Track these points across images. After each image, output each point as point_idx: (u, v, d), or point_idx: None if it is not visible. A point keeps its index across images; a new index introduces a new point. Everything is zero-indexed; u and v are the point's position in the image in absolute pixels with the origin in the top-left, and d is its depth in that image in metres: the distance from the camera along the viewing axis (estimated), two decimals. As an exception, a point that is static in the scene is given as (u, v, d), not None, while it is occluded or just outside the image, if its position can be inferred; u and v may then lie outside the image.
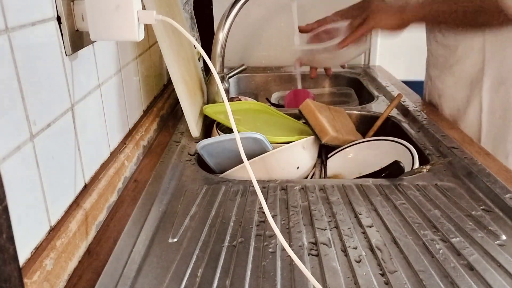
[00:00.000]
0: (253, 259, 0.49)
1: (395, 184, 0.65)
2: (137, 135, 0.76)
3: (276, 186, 0.65)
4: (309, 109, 0.81)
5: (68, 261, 0.48)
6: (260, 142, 0.70)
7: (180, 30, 0.56)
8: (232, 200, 0.61)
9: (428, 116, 0.91)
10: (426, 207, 0.59)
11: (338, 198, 0.62)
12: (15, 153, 0.41)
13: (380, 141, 0.82)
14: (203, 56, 0.58)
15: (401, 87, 1.17)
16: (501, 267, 0.47)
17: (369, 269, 0.47)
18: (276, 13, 1.44)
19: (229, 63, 1.07)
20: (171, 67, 0.77)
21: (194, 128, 0.82)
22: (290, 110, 0.99)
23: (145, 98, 0.88)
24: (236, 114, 0.88)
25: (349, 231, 0.54)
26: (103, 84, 0.64)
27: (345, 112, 0.94)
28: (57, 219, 0.49)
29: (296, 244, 0.52)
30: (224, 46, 0.98)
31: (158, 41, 0.74)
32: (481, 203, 0.60)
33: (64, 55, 0.51)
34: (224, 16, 0.95)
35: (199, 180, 0.68)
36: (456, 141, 0.77)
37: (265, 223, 0.56)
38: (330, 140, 0.79)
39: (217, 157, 0.74)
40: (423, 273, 0.46)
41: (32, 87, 0.44)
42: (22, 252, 0.42)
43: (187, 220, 0.56)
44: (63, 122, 0.51)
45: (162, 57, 0.99)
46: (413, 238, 0.52)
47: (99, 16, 0.52)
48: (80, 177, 0.56)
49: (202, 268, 0.47)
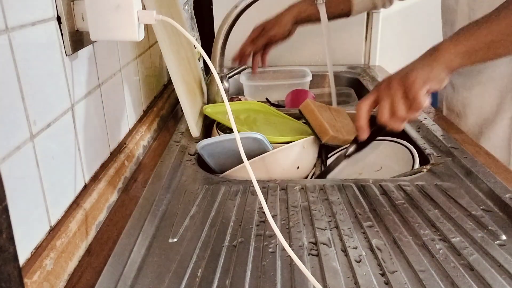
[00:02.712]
0: (253, 259, 0.49)
1: (395, 184, 0.65)
2: (137, 135, 0.76)
3: (276, 186, 0.65)
4: (309, 109, 0.81)
5: (68, 261, 0.48)
6: (260, 142, 0.70)
7: (180, 30, 0.56)
8: (232, 200, 0.61)
9: (428, 116, 0.91)
10: (426, 207, 0.59)
11: (338, 198, 0.62)
12: (15, 153, 0.41)
13: (380, 141, 0.82)
14: (203, 56, 0.58)
15: (401, 87, 1.17)
16: (501, 267, 0.47)
17: (369, 269, 0.47)
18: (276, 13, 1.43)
19: (229, 63, 1.07)
20: (171, 67, 0.77)
21: (194, 128, 0.82)
22: (290, 110, 0.99)
23: (145, 98, 0.88)
24: (236, 114, 0.88)
25: (349, 231, 0.54)
26: (103, 84, 0.64)
27: (345, 112, 0.94)
28: (57, 219, 0.49)
29: (296, 244, 0.52)
30: (224, 46, 0.98)
31: (158, 41, 0.74)
32: (481, 203, 0.60)
33: (64, 55, 0.51)
34: (226, 17, 0.95)
35: (199, 180, 0.68)
36: (456, 141, 0.77)
37: (265, 223, 0.56)
38: (330, 140, 0.79)
39: (217, 157, 0.74)
40: (423, 273, 0.46)
41: (32, 87, 0.44)
42: (22, 252, 0.42)
43: (187, 220, 0.56)
44: (63, 122, 0.51)
45: (162, 57, 0.99)
46: (413, 238, 0.52)
47: (99, 16, 0.52)
48: (80, 177, 0.56)
49: (202, 268, 0.47)
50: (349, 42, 1.15)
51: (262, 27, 1.04)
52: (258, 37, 1.04)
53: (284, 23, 1.02)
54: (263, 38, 1.04)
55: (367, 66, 1.47)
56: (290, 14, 1.03)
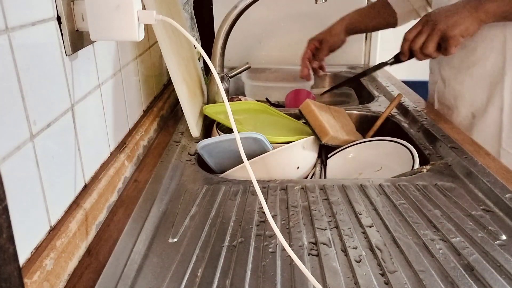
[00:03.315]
0: (253, 259, 0.49)
1: (395, 184, 0.65)
2: (137, 135, 0.76)
3: (276, 186, 0.65)
4: (309, 109, 0.81)
5: (68, 261, 0.48)
6: (260, 142, 0.70)
7: (180, 30, 0.56)
8: (232, 200, 0.61)
9: (428, 116, 0.91)
10: (426, 207, 0.59)
11: (338, 198, 0.62)
12: (15, 153, 0.41)
13: (380, 141, 0.82)
14: (203, 56, 0.58)
15: (401, 87, 1.17)
16: (501, 267, 0.47)
17: (369, 269, 0.47)
18: (276, 13, 1.44)
19: (229, 63, 1.07)
20: (171, 67, 0.77)
21: (194, 128, 0.82)
22: (290, 110, 0.99)
23: (145, 98, 0.88)
24: (236, 114, 0.88)
25: (349, 231, 0.54)
26: (103, 84, 0.64)
27: (345, 112, 0.94)
28: (57, 219, 0.49)
29: (296, 244, 0.52)
30: (224, 46, 0.98)
31: (158, 41, 0.74)
32: (481, 203, 0.60)
33: (64, 55, 0.51)
34: (225, 17, 0.95)
35: (199, 180, 0.68)
36: (456, 141, 0.77)
37: (265, 223, 0.56)
38: (330, 140, 0.79)
39: (217, 157, 0.74)
40: (423, 273, 0.46)
41: (32, 87, 0.44)
42: (22, 252, 0.42)
43: (187, 220, 0.56)
44: (63, 122, 0.51)
45: (162, 57, 0.99)
46: (413, 238, 0.52)
47: (99, 16, 0.52)
48: (80, 177, 0.56)
49: (202, 268, 0.47)
50: (349, 42, 1.16)
51: (319, 40, 1.12)
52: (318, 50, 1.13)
53: (337, 33, 1.12)
54: (324, 51, 1.12)
55: (367, 66, 1.47)
56: (342, 24, 1.12)
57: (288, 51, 1.43)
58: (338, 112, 0.90)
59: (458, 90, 0.95)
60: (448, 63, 0.97)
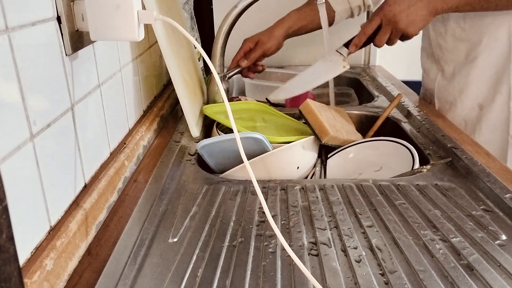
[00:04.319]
0: (253, 259, 0.49)
1: (395, 184, 0.65)
2: (137, 135, 0.76)
3: (276, 186, 0.65)
4: (309, 109, 0.81)
5: (68, 261, 0.48)
6: (260, 142, 0.70)
7: (180, 30, 0.56)
8: (232, 200, 0.61)
9: (428, 116, 0.91)
10: (426, 207, 0.59)
11: (338, 198, 0.62)
12: (15, 153, 0.41)
13: (380, 141, 0.82)
14: (203, 56, 0.58)
15: (401, 87, 1.17)
16: (501, 267, 0.47)
17: (369, 269, 0.47)
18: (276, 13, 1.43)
19: (229, 63, 1.07)
20: (171, 67, 0.77)
21: (194, 128, 0.82)
22: (290, 110, 0.99)
23: (145, 98, 0.88)
24: (236, 114, 0.88)
25: (349, 231, 0.54)
26: (103, 84, 0.64)
27: (345, 112, 0.94)
28: (57, 219, 0.49)
29: (296, 244, 0.52)
30: (224, 46, 0.98)
31: (158, 41, 0.74)
32: (481, 203, 0.60)
33: (64, 55, 0.51)
34: (225, 17, 0.95)
35: (199, 180, 0.68)
36: (456, 141, 0.77)
37: (265, 223, 0.56)
38: (330, 140, 0.79)
39: (217, 157, 0.74)
40: (423, 273, 0.46)
41: (32, 87, 0.44)
42: (22, 252, 0.42)
43: (187, 220, 0.56)
44: (63, 122, 0.51)
45: (162, 57, 0.99)
46: (413, 238, 0.52)
47: (99, 16, 0.52)
48: (80, 177, 0.56)
49: (202, 268, 0.47)
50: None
51: (255, 41, 1.06)
52: (251, 51, 1.06)
53: (276, 37, 1.05)
54: (257, 53, 1.05)
55: (367, 66, 1.47)
56: (282, 28, 1.06)
57: (288, 51, 1.43)
58: (338, 112, 0.90)
59: (463, 83, 0.94)
60: (452, 59, 0.96)
